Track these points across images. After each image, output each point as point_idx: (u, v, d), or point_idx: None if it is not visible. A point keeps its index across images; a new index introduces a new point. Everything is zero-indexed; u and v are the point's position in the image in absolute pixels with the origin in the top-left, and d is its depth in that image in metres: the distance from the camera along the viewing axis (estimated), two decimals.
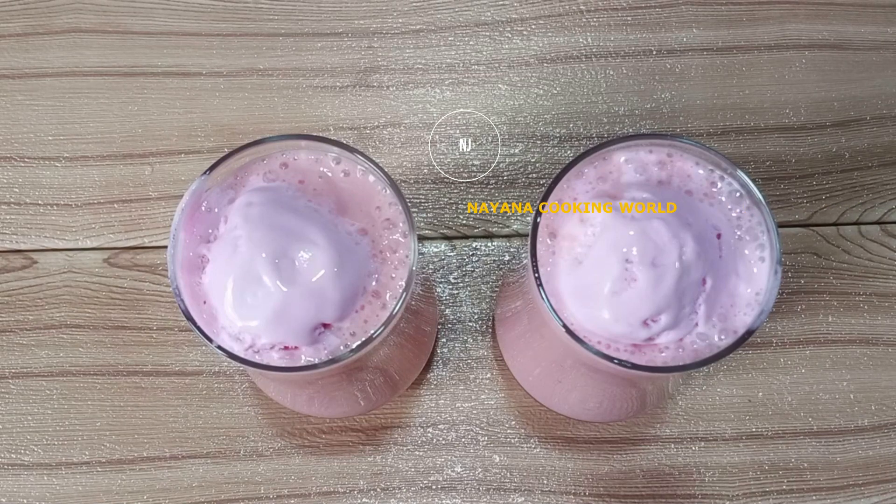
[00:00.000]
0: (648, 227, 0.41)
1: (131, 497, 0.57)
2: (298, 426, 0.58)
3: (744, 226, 0.43)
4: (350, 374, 0.48)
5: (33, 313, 0.59)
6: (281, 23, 0.63)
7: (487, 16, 0.63)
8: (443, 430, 0.58)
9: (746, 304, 0.43)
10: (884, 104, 0.62)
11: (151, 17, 0.63)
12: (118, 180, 0.61)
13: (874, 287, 0.60)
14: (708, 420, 0.58)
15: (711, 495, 0.57)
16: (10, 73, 0.62)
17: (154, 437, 0.58)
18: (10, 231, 0.60)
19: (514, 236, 0.60)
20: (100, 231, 0.60)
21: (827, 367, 0.59)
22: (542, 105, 0.62)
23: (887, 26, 0.63)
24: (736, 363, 0.59)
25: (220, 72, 0.62)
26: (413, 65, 0.62)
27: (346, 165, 0.44)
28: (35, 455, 0.57)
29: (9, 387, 0.58)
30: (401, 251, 0.43)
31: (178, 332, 0.59)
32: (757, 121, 0.62)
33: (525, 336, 0.50)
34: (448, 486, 0.57)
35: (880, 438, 0.58)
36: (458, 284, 0.60)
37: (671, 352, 0.43)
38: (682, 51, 0.63)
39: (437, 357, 0.59)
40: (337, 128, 0.61)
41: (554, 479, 0.57)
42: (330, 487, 0.57)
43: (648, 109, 0.62)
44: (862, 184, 0.61)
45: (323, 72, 0.62)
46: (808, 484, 0.57)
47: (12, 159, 0.61)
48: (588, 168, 0.44)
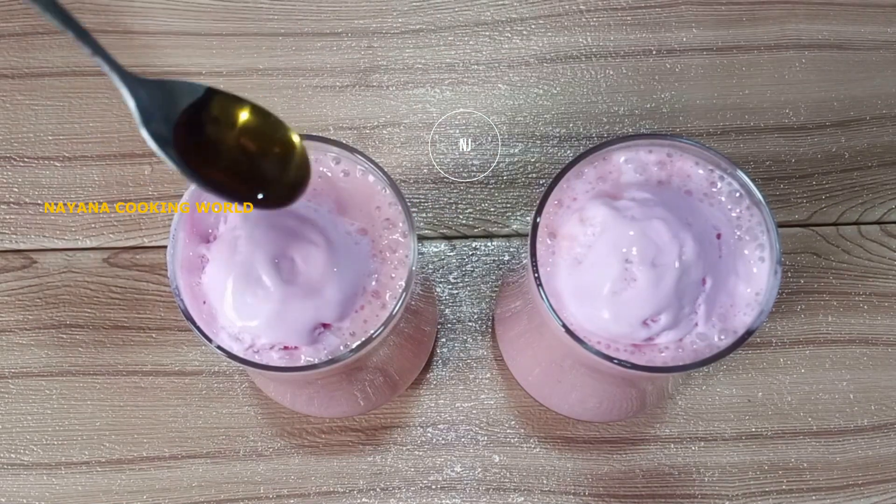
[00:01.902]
0: (648, 227, 0.41)
1: (131, 497, 0.57)
2: (298, 426, 0.58)
3: (744, 226, 0.43)
4: (350, 374, 0.48)
5: (33, 313, 0.59)
6: (281, 23, 0.63)
7: (487, 15, 0.63)
8: (442, 430, 0.58)
9: (746, 304, 0.43)
10: (883, 104, 0.62)
11: (151, 17, 0.63)
12: (118, 180, 0.61)
13: (874, 287, 0.60)
14: (707, 420, 0.58)
15: (711, 495, 0.57)
16: (9, 73, 0.62)
17: (153, 436, 0.58)
18: (9, 231, 0.60)
19: (514, 236, 0.60)
20: (99, 231, 0.60)
21: (827, 367, 0.59)
22: (542, 105, 0.62)
23: (887, 26, 0.63)
24: (736, 363, 0.59)
25: (220, 72, 0.62)
26: (413, 64, 0.62)
27: (346, 165, 0.44)
28: (35, 455, 0.57)
29: (8, 387, 0.58)
30: (400, 251, 0.43)
31: (177, 332, 0.59)
32: (757, 121, 0.62)
33: (525, 336, 0.50)
34: (448, 486, 0.57)
35: (880, 438, 0.58)
36: (457, 284, 0.60)
37: (671, 352, 0.43)
38: (681, 51, 0.63)
39: (436, 357, 0.59)
40: (337, 127, 0.61)
41: (553, 478, 0.57)
42: (329, 487, 0.57)
43: (648, 109, 0.62)
44: (861, 184, 0.61)
45: (323, 71, 0.62)
46: (808, 484, 0.57)
47: (12, 159, 0.61)
48: (588, 168, 0.44)
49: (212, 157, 0.38)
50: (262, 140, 0.39)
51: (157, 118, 0.36)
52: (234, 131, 0.39)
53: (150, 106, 0.36)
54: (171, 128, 0.37)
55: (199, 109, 0.38)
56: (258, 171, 0.39)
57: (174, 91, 0.37)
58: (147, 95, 0.36)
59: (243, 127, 0.39)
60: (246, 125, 0.39)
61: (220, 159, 0.38)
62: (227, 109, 0.38)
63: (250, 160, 0.39)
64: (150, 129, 0.36)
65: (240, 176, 0.38)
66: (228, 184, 0.38)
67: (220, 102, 0.38)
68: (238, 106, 0.39)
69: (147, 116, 0.36)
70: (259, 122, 0.39)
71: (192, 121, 0.37)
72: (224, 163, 0.38)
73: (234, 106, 0.39)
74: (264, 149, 0.39)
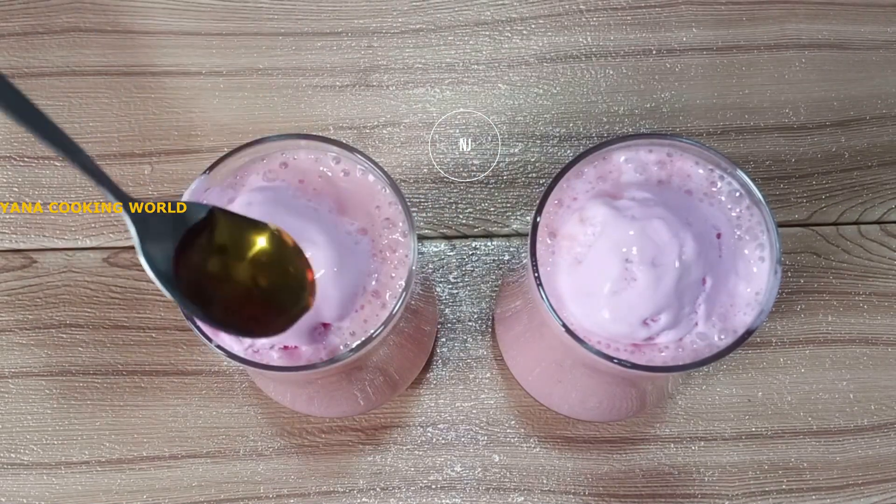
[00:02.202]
0: (648, 226, 0.41)
1: (131, 497, 0.57)
2: (298, 426, 0.58)
3: (743, 225, 0.43)
4: (350, 374, 0.48)
5: (33, 313, 0.59)
6: (280, 22, 0.63)
7: (487, 15, 0.63)
8: (442, 430, 0.58)
9: (746, 304, 0.43)
10: (883, 104, 0.62)
11: (151, 16, 0.63)
12: (118, 179, 0.60)
13: (874, 287, 0.60)
14: (708, 420, 0.58)
15: (711, 495, 0.57)
16: (10, 73, 0.62)
17: (153, 436, 0.58)
18: (9, 230, 0.60)
19: (514, 236, 0.60)
20: (99, 231, 0.60)
21: (827, 367, 0.59)
22: (542, 105, 0.62)
23: (887, 26, 0.63)
24: (736, 363, 0.59)
25: (220, 71, 0.62)
26: (413, 64, 0.62)
27: (346, 165, 0.44)
28: (34, 455, 0.57)
29: (8, 386, 0.58)
30: (400, 250, 0.43)
31: (177, 331, 0.59)
32: (757, 120, 0.62)
33: (525, 336, 0.50)
34: (448, 486, 0.57)
35: (880, 438, 0.58)
36: (457, 284, 0.60)
37: (671, 351, 0.43)
38: (681, 50, 0.62)
39: (436, 357, 0.59)
40: (337, 127, 0.61)
41: (553, 478, 0.57)
42: (329, 487, 0.57)
43: (648, 109, 0.62)
44: (861, 183, 0.61)
45: (323, 71, 0.62)
46: (808, 483, 0.57)
47: (12, 159, 0.61)
48: (588, 168, 0.44)
49: (213, 287, 0.36)
50: (272, 272, 0.37)
51: (159, 242, 0.34)
52: (244, 262, 0.36)
53: (150, 231, 0.34)
54: (173, 253, 0.35)
55: (201, 231, 0.36)
56: (264, 304, 0.36)
57: (175, 214, 0.35)
58: (152, 219, 0.35)
59: (253, 258, 0.36)
60: (256, 255, 0.36)
61: (223, 289, 0.36)
62: (234, 234, 0.36)
63: (256, 293, 0.36)
64: (148, 254, 0.34)
65: (242, 308, 0.36)
66: (228, 318, 0.36)
67: (225, 226, 0.36)
68: (248, 231, 0.36)
69: (147, 242, 0.34)
70: (270, 252, 0.36)
71: (196, 245, 0.35)
72: (226, 295, 0.36)
73: (244, 231, 0.36)
74: (273, 281, 0.37)
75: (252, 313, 0.37)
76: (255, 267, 0.37)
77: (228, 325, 0.36)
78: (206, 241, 0.36)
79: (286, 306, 0.37)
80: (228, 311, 0.36)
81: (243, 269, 0.37)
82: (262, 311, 0.37)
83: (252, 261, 0.37)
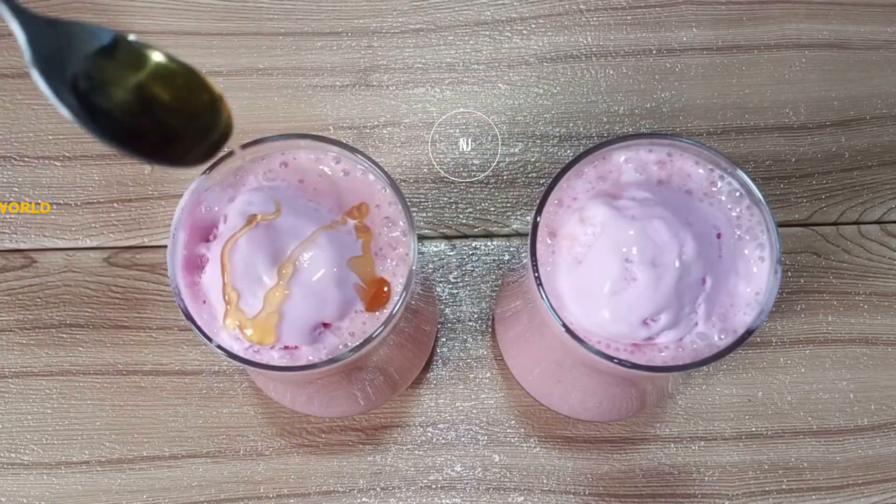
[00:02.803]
0: (648, 226, 0.41)
1: (131, 496, 0.57)
2: (298, 426, 0.58)
3: (744, 225, 0.43)
4: (350, 374, 0.48)
5: (33, 313, 0.59)
6: (281, 22, 0.63)
7: (487, 15, 0.63)
8: (442, 430, 0.58)
9: (746, 304, 0.43)
10: (883, 104, 0.62)
11: (151, 16, 0.63)
12: (118, 179, 0.61)
13: (874, 287, 0.60)
14: (708, 419, 0.58)
15: (711, 495, 0.57)
16: (9, 73, 0.62)
17: (154, 436, 0.58)
18: (9, 230, 0.60)
19: (514, 236, 0.60)
20: (100, 230, 0.60)
21: (827, 367, 0.59)
22: (542, 104, 0.62)
23: (887, 26, 0.63)
24: (736, 363, 0.59)
25: (220, 71, 0.62)
26: (413, 64, 0.62)
27: (346, 165, 0.44)
28: (34, 454, 0.57)
29: (8, 386, 0.58)
30: (400, 250, 0.43)
31: (177, 331, 0.59)
32: (757, 120, 0.62)
33: (525, 335, 0.50)
34: (448, 486, 0.57)
35: (880, 438, 0.58)
36: (457, 284, 0.60)
37: (671, 351, 0.43)
38: (681, 50, 0.62)
39: (436, 356, 0.59)
40: (337, 127, 0.61)
41: (553, 478, 0.57)
42: (329, 487, 0.57)
43: (648, 109, 0.62)
44: (862, 183, 0.61)
45: (323, 71, 0.62)
46: (808, 483, 0.57)
47: (12, 159, 0.61)
48: (588, 167, 0.44)
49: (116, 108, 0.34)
50: (179, 92, 0.35)
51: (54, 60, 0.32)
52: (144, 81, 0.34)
53: (46, 46, 0.32)
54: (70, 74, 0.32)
55: (104, 57, 0.34)
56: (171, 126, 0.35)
57: (75, 34, 0.33)
58: (44, 34, 0.32)
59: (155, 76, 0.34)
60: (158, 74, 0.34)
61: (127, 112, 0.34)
62: (137, 59, 0.34)
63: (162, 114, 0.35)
64: (42, 68, 0.31)
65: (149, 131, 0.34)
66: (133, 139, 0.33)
67: (129, 50, 0.34)
68: (150, 54, 0.34)
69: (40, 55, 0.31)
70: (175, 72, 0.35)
71: (96, 69, 0.33)
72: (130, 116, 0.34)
73: (146, 54, 0.34)
74: (182, 102, 0.35)
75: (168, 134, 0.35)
76: (164, 88, 0.35)
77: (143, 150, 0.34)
78: (113, 66, 0.34)
79: (206, 130, 0.36)
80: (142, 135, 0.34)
81: (151, 89, 0.35)
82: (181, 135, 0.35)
83: (159, 79, 0.35)
